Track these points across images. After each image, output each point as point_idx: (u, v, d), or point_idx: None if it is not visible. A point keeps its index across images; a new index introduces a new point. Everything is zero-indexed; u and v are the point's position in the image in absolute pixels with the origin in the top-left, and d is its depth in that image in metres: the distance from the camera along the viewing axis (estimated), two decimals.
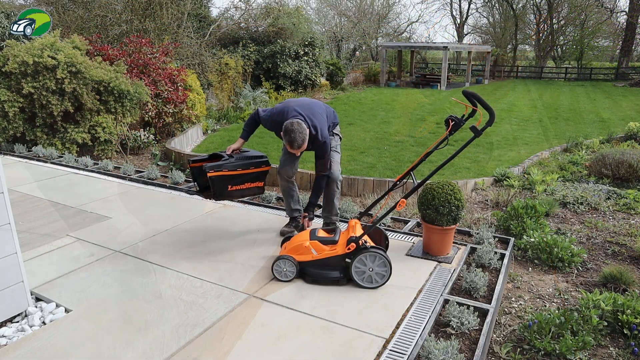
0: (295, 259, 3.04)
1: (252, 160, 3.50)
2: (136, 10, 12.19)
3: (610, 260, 3.86)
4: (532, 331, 2.67)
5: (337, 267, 3.02)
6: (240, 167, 3.43)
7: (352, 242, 2.95)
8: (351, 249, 2.95)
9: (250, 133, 3.70)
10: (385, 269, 2.96)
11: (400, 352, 2.37)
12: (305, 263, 3.05)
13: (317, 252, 3.03)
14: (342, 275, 3.01)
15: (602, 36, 36.34)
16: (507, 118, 12.95)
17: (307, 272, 3.05)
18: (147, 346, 2.42)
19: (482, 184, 6.15)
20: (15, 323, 2.70)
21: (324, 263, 3.02)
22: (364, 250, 2.92)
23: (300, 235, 3.20)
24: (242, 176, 3.46)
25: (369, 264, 2.95)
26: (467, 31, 43.22)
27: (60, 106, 6.86)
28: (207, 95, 13.31)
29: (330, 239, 3.07)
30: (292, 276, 3.05)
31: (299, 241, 3.10)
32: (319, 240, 3.05)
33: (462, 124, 3.02)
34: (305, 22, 17.80)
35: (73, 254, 3.49)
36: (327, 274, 3.02)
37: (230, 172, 3.38)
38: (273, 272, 3.08)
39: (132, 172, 5.76)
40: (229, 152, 3.53)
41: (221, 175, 3.34)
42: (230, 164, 3.40)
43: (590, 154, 7.82)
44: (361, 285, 2.99)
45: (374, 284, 2.99)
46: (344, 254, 2.98)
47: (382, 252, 2.93)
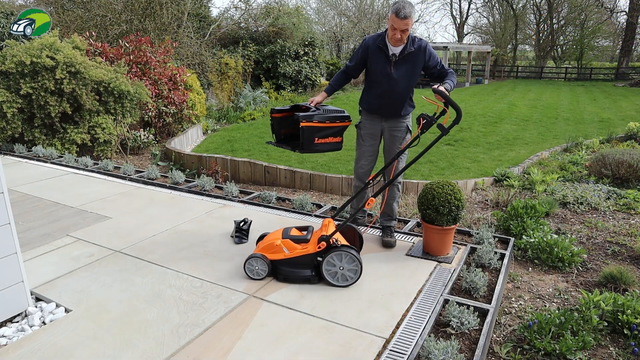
0: (268, 258, 3.05)
1: (337, 114, 3.36)
2: (136, 10, 12.18)
3: (610, 260, 3.86)
4: (532, 331, 2.67)
5: (309, 266, 3.04)
6: (328, 120, 3.30)
7: (322, 241, 2.97)
8: (322, 247, 2.97)
9: (335, 89, 3.63)
10: (356, 268, 2.98)
11: (400, 352, 2.37)
12: (278, 261, 3.06)
13: (289, 251, 3.04)
14: (314, 273, 3.03)
15: (602, 36, 36.35)
16: (507, 118, 12.95)
17: (279, 271, 3.06)
18: (147, 346, 2.42)
19: (482, 184, 6.15)
20: (15, 323, 2.69)
21: (295, 261, 3.04)
22: (334, 249, 2.95)
23: (273, 233, 3.23)
24: (328, 129, 3.33)
25: (340, 263, 2.97)
26: (467, 31, 43.28)
27: (58, 107, 6.85)
28: (207, 95, 13.31)
29: (302, 237, 3.08)
30: (264, 274, 3.07)
31: (271, 240, 3.11)
32: (290, 238, 3.07)
33: (433, 122, 3.05)
34: (305, 22, 17.81)
35: (73, 254, 3.49)
36: (299, 273, 3.04)
37: (320, 123, 3.26)
38: (245, 271, 3.09)
39: (132, 172, 5.76)
40: (313, 105, 3.41)
41: (312, 126, 3.22)
42: (320, 115, 3.27)
43: (590, 154, 7.82)
44: (331, 283, 3.01)
45: (343, 283, 3.01)
46: (315, 252, 3.00)
47: (352, 251, 2.95)
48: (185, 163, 7.67)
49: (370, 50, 3.43)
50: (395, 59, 3.35)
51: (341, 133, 3.41)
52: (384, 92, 3.42)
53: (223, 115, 12.67)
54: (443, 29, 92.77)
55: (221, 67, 14.24)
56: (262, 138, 9.87)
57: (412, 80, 3.41)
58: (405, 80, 3.38)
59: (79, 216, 4.26)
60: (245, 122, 12.15)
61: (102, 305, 2.80)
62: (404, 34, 3.23)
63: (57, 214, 4.32)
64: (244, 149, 8.84)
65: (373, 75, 3.49)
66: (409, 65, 3.38)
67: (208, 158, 7.42)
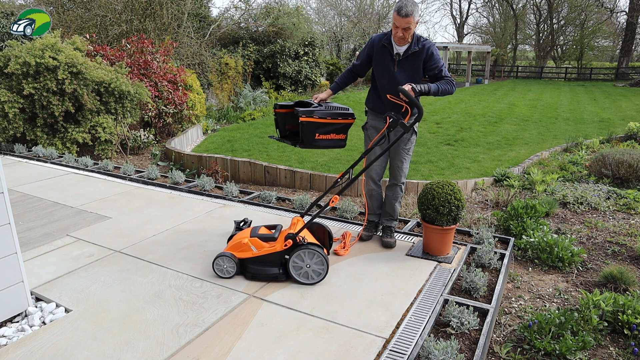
0: (236, 256, 3.08)
1: (340, 111, 3.37)
2: (136, 10, 12.19)
3: (610, 260, 3.86)
4: (532, 331, 2.67)
5: (277, 264, 3.06)
6: (330, 116, 3.32)
7: (289, 239, 2.99)
8: (288, 245, 2.99)
9: (340, 87, 3.64)
10: (322, 266, 3.00)
11: (400, 352, 2.37)
12: (246, 260, 3.08)
13: (256, 249, 3.06)
14: (282, 271, 3.05)
15: (602, 36, 36.36)
16: (507, 118, 12.95)
17: (247, 269, 3.08)
18: (147, 346, 2.42)
19: (482, 184, 6.15)
20: (15, 323, 2.70)
21: (263, 259, 3.06)
22: (300, 247, 2.97)
23: (241, 232, 3.25)
24: (330, 125, 3.35)
25: (306, 260, 3.00)
26: (467, 31, 43.29)
27: (61, 106, 6.86)
28: (207, 95, 13.32)
29: (270, 235, 3.10)
30: (232, 272, 3.09)
31: (239, 238, 3.13)
32: (258, 237, 3.09)
33: (400, 120, 3.09)
34: (305, 22, 17.80)
35: (73, 254, 3.49)
36: (267, 271, 3.06)
37: (320, 119, 3.29)
38: (214, 269, 3.11)
39: (132, 172, 5.76)
40: (317, 101, 3.44)
41: (312, 121, 3.25)
42: (321, 111, 3.29)
43: (590, 154, 7.82)
44: (298, 281, 3.03)
45: (310, 280, 3.03)
46: (282, 250, 3.02)
47: (318, 249, 2.97)
48: (185, 163, 7.67)
49: (376, 48, 3.43)
50: (399, 58, 3.35)
51: (344, 130, 3.41)
52: (388, 91, 3.41)
53: (223, 115, 12.67)
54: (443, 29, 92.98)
55: (221, 67, 14.24)
56: (262, 138, 9.87)
57: (415, 80, 3.37)
58: (408, 80, 3.35)
59: (79, 216, 4.26)
60: (245, 122, 12.15)
61: (102, 305, 2.80)
62: (406, 32, 3.21)
63: (57, 213, 4.32)
64: (244, 149, 8.84)
65: (377, 74, 3.49)
66: (413, 64, 3.37)
67: (208, 158, 7.42)
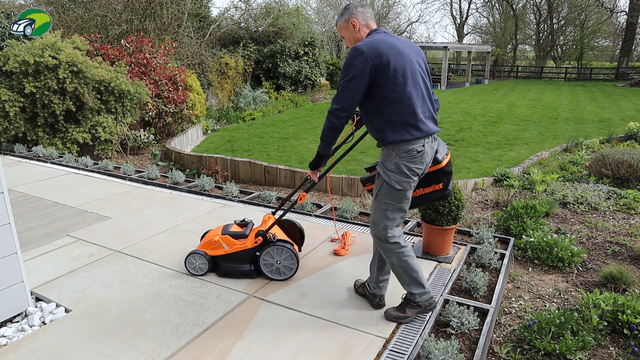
0: (208, 254, 3.10)
1: None
2: (136, 10, 12.19)
3: (610, 260, 3.86)
4: (532, 331, 2.67)
5: (248, 261, 3.09)
6: None
7: (259, 236, 3.02)
8: (258, 242, 3.02)
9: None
10: (292, 262, 3.04)
11: (400, 352, 2.37)
12: (218, 257, 3.11)
13: (228, 247, 3.08)
14: (253, 268, 3.08)
15: (602, 36, 36.36)
16: (507, 118, 12.95)
17: (219, 266, 3.12)
18: (147, 346, 2.42)
19: (482, 184, 6.15)
20: (15, 323, 2.70)
21: (235, 257, 3.09)
22: (270, 244, 3.00)
23: (214, 230, 3.27)
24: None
25: (276, 257, 3.03)
26: (467, 31, 43.27)
27: (62, 105, 6.87)
28: (207, 95, 13.32)
29: (241, 232, 3.12)
30: (205, 269, 3.11)
31: (211, 236, 3.16)
32: (230, 234, 3.11)
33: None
34: (305, 22, 17.79)
35: (73, 254, 3.49)
36: (238, 268, 3.09)
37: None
38: (186, 267, 3.14)
39: (132, 172, 5.76)
40: None
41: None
42: None
43: (590, 154, 7.82)
44: (269, 277, 3.06)
45: (282, 276, 3.06)
46: (253, 247, 3.05)
47: (287, 245, 3.00)
48: (185, 163, 7.67)
49: None
50: None
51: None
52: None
53: (223, 115, 12.67)
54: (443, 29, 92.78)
55: (221, 67, 14.24)
56: (262, 138, 9.88)
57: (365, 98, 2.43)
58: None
59: (79, 216, 4.26)
60: (245, 122, 12.15)
61: (102, 305, 2.80)
62: (344, 41, 2.60)
63: (57, 213, 4.32)
64: (244, 149, 8.84)
65: None
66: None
67: (208, 158, 7.42)
